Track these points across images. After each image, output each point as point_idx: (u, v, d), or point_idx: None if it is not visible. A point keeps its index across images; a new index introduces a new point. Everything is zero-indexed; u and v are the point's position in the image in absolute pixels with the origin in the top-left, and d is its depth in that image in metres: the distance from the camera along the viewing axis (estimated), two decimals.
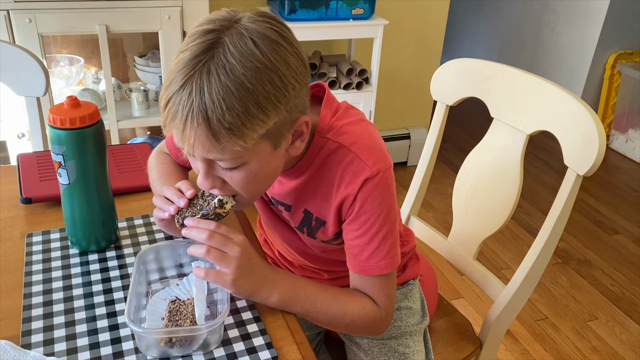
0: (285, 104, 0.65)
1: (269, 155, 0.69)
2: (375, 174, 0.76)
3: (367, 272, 0.80)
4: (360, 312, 0.81)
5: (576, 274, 2.17)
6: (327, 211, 0.83)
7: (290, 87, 0.65)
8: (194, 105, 0.61)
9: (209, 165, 0.69)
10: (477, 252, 1.17)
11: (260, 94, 0.62)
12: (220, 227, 0.73)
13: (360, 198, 0.77)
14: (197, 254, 0.71)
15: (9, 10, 1.61)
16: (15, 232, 0.90)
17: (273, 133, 0.67)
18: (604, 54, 3.18)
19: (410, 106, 2.78)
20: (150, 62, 2.09)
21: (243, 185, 0.71)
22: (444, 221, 2.44)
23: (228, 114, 0.61)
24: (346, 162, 0.77)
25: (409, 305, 1.05)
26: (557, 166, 2.98)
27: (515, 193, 1.07)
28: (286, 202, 0.86)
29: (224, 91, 0.60)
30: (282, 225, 0.94)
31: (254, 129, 0.63)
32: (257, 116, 0.63)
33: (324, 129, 0.78)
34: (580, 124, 0.93)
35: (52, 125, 0.76)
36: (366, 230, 0.78)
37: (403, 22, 2.55)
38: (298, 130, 0.72)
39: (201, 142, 0.63)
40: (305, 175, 0.81)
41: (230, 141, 0.63)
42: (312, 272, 1.02)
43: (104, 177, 0.84)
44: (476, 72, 1.14)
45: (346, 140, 0.77)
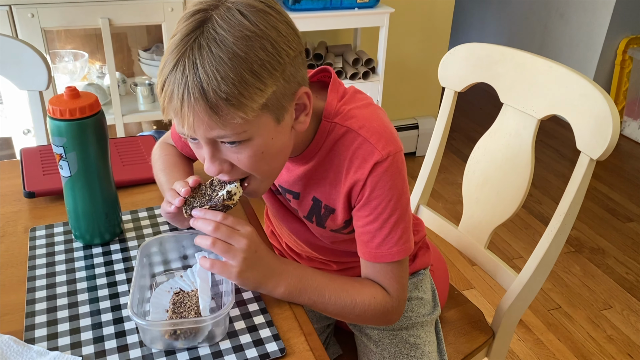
0: (281, 71, 0.64)
1: (273, 130, 0.68)
2: (385, 157, 0.74)
3: (378, 259, 0.78)
4: (371, 302, 0.79)
5: (589, 262, 2.13)
6: (336, 198, 0.81)
7: (284, 54, 0.64)
8: (188, 81, 0.60)
9: (214, 147, 0.67)
10: (489, 241, 1.14)
11: (254, 61, 0.61)
12: (227, 218, 0.71)
13: (370, 183, 0.75)
14: (203, 245, 0.70)
15: (10, 6, 1.60)
16: (19, 227, 0.90)
17: (273, 104, 0.65)
18: (614, 39, 3.13)
19: (418, 95, 2.75)
20: (154, 56, 2.08)
21: (251, 164, 0.69)
22: (454, 211, 2.41)
23: (224, 84, 0.60)
24: (355, 146, 0.75)
25: (420, 295, 1.03)
26: (568, 154, 2.94)
27: (527, 180, 1.05)
28: (294, 190, 0.84)
29: (217, 62, 0.60)
30: (290, 216, 0.93)
31: (252, 98, 0.62)
32: (253, 84, 0.62)
33: (331, 113, 0.77)
34: (593, 106, 0.91)
35: (52, 116, 0.75)
36: (377, 216, 0.77)
37: (409, 9, 2.52)
38: (300, 103, 0.71)
39: (201, 118, 0.62)
40: (313, 161, 0.79)
41: (230, 113, 0.62)
42: (321, 264, 1.00)
43: (106, 168, 0.82)
44: (485, 56, 1.11)
45: (354, 124, 0.76)
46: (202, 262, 0.69)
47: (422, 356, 0.98)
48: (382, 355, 0.97)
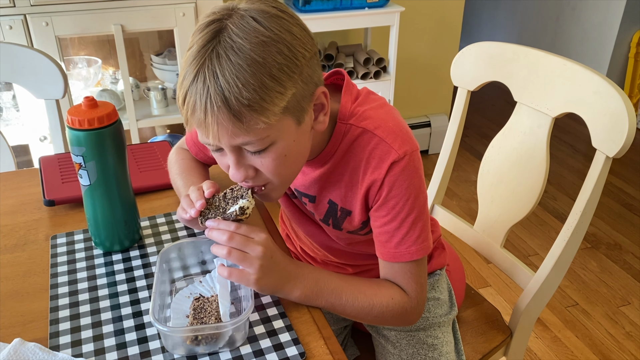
0: (299, 73, 0.65)
1: (295, 132, 0.69)
2: (401, 156, 0.75)
3: (397, 259, 0.79)
4: (390, 303, 0.79)
5: (606, 258, 2.12)
6: (352, 200, 0.81)
7: (300, 56, 0.65)
8: (210, 90, 0.61)
9: (238, 154, 0.68)
10: (504, 240, 1.14)
11: (272, 66, 0.62)
12: (240, 227, 0.72)
13: (388, 183, 0.75)
14: (219, 255, 0.71)
15: (25, 15, 1.62)
16: (40, 235, 0.91)
17: (294, 107, 0.66)
18: (628, 32, 3.09)
19: (429, 94, 2.75)
20: (167, 60, 2.09)
21: (274, 169, 0.70)
22: (468, 209, 2.41)
23: (245, 90, 0.61)
24: (371, 146, 0.76)
25: (437, 295, 1.03)
26: (583, 149, 2.91)
27: (542, 178, 1.05)
28: (310, 194, 0.85)
29: (236, 70, 0.61)
30: (305, 219, 0.93)
31: (273, 102, 0.63)
32: (273, 88, 0.63)
33: (345, 115, 0.77)
34: (608, 104, 0.90)
35: (71, 126, 0.76)
36: (395, 216, 0.77)
37: (419, 8, 2.51)
38: (318, 103, 0.71)
39: (225, 127, 0.63)
40: (329, 163, 0.80)
41: (253, 119, 0.63)
42: (336, 267, 1.01)
43: (124, 176, 0.83)
44: (497, 55, 1.11)
45: (370, 124, 0.76)
46: (220, 271, 0.70)
47: (440, 357, 0.98)
48: (399, 357, 0.97)
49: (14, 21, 1.61)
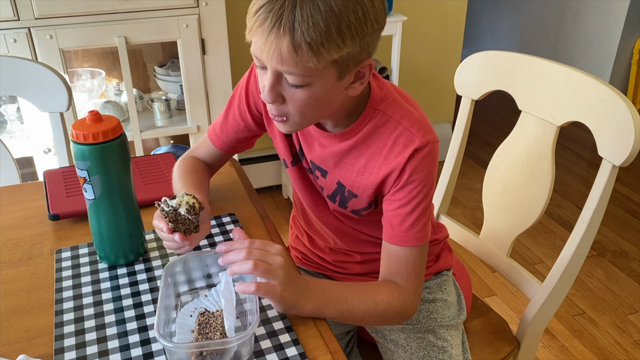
0: (361, 38, 0.69)
1: (332, 84, 0.72)
2: (425, 144, 0.79)
3: (404, 242, 0.82)
4: (390, 300, 0.81)
5: (612, 266, 2.10)
6: (362, 185, 0.85)
7: (369, 24, 0.69)
8: (284, 15, 0.65)
9: (277, 80, 0.72)
10: (511, 249, 1.13)
11: (344, 21, 0.66)
12: (254, 242, 0.74)
13: (409, 167, 0.80)
14: (243, 271, 0.70)
15: (29, 28, 1.63)
16: (45, 249, 0.91)
17: (342, 63, 0.70)
18: (630, 39, 3.09)
19: (432, 102, 2.75)
20: (170, 72, 2.10)
21: (300, 106, 0.73)
22: (473, 217, 2.40)
23: (312, 29, 0.65)
24: (396, 134, 0.81)
25: (444, 297, 1.04)
26: (587, 155, 2.91)
27: (548, 187, 1.04)
28: (323, 168, 0.88)
29: (313, 9, 0.65)
30: (317, 199, 0.96)
31: (329, 51, 0.67)
32: (335, 40, 0.67)
33: (376, 100, 0.82)
34: (614, 112, 0.90)
35: (76, 140, 0.76)
36: (410, 200, 0.81)
37: (422, 17, 2.52)
38: (361, 71, 0.75)
39: (280, 51, 0.67)
40: (350, 140, 0.83)
41: (306, 56, 0.67)
42: (345, 255, 1.02)
43: (129, 190, 0.83)
44: (501, 64, 1.11)
45: (396, 114, 0.81)
46: (241, 288, 0.69)
47: (450, 359, 0.97)
48: None
49: (18, 34, 1.62)
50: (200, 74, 1.86)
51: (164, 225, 0.76)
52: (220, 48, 1.85)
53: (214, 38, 1.83)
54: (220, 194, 1.07)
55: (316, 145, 0.87)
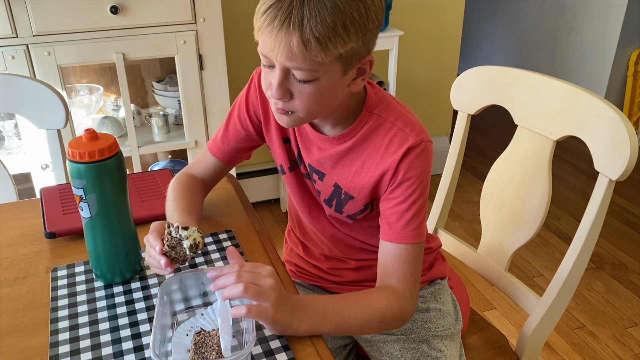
0: (363, 33, 0.74)
1: (337, 79, 0.77)
2: (418, 142, 0.83)
3: (401, 239, 0.84)
4: (387, 304, 0.81)
5: (612, 278, 2.10)
6: (358, 186, 0.88)
7: (370, 21, 0.74)
8: (293, 12, 0.69)
9: (285, 77, 0.75)
10: (509, 264, 1.13)
11: (348, 17, 0.71)
12: (244, 265, 0.74)
13: (404, 165, 0.83)
14: (234, 296, 0.70)
15: (28, 45, 1.63)
16: (41, 267, 0.90)
17: (346, 58, 0.74)
18: (626, 51, 3.11)
19: (429, 115, 2.76)
20: (168, 87, 2.11)
21: (307, 101, 0.77)
22: (471, 230, 2.39)
23: (320, 25, 0.69)
24: (391, 134, 0.84)
25: (439, 307, 1.04)
26: (584, 167, 2.91)
27: (545, 201, 1.04)
28: (321, 170, 0.91)
29: (320, 6, 0.69)
30: (313, 205, 0.98)
31: (335, 45, 0.71)
32: (341, 35, 0.71)
33: (372, 104, 0.86)
34: (609, 127, 0.90)
35: (72, 159, 0.76)
36: (407, 197, 0.84)
37: (418, 32, 2.53)
38: (362, 67, 0.79)
39: (290, 47, 0.71)
40: (348, 142, 0.87)
41: (315, 51, 0.70)
42: (339, 262, 1.03)
43: (125, 208, 0.83)
44: (497, 79, 1.11)
45: (391, 116, 0.85)
46: (236, 312, 0.69)
47: None
48: None
49: (16, 51, 1.62)
50: (198, 89, 1.86)
51: (158, 245, 0.75)
52: (218, 64, 1.86)
53: (211, 54, 1.84)
54: (217, 210, 1.07)
55: (314, 148, 0.90)
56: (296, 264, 1.11)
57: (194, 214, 0.90)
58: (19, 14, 1.59)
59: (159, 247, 0.75)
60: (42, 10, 1.60)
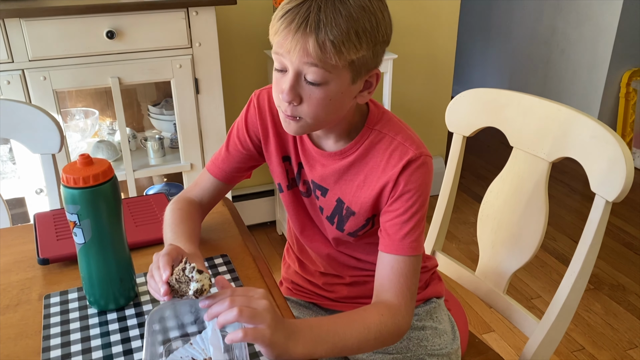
0: (373, 44, 0.77)
1: (346, 87, 0.80)
2: (418, 156, 0.85)
3: (399, 251, 0.85)
4: (382, 320, 0.81)
5: (610, 299, 2.09)
6: (361, 200, 0.89)
7: (380, 34, 0.78)
8: (310, 16, 0.73)
9: (296, 80, 0.78)
10: (507, 286, 1.12)
11: (360, 26, 0.75)
12: (236, 290, 0.72)
13: (404, 178, 0.85)
14: (229, 321, 0.68)
15: (23, 70, 1.64)
16: (33, 294, 0.89)
17: (356, 67, 0.78)
18: (617, 73, 3.15)
19: (424, 137, 2.76)
20: (164, 110, 2.11)
21: (316, 105, 0.79)
22: (468, 252, 2.38)
23: (335, 30, 0.73)
24: (391, 148, 0.87)
25: (434, 325, 1.03)
26: (580, 188, 2.92)
27: (542, 222, 1.04)
28: (324, 186, 0.93)
29: (335, 13, 0.73)
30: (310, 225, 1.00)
31: (348, 51, 0.75)
32: (353, 42, 0.75)
33: (373, 121, 0.89)
34: (605, 148, 0.90)
35: (66, 185, 0.75)
36: (407, 209, 0.85)
37: (412, 55, 2.56)
38: (369, 80, 0.83)
39: (305, 48, 0.74)
40: (350, 157, 0.89)
41: (329, 53, 0.74)
42: (334, 277, 1.04)
43: (120, 233, 0.82)
44: (491, 101, 1.12)
45: (391, 131, 0.88)
46: (232, 337, 0.67)
47: None
48: None
49: (12, 76, 1.63)
50: (194, 112, 1.87)
51: (167, 273, 0.72)
52: (214, 87, 1.87)
53: (207, 78, 1.85)
54: (212, 234, 1.06)
55: (318, 165, 0.92)
56: (292, 281, 1.12)
57: (194, 240, 0.89)
58: (15, 39, 1.60)
59: (166, 275, 0.72)
60: (38, 35, 1.61)
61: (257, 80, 2.33)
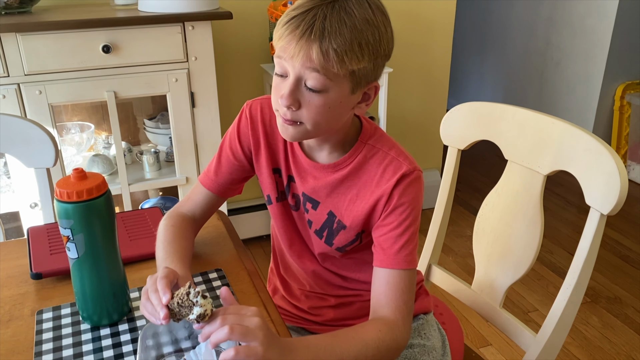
0: (374, 57, 0.79)
1: (345, 96, 0.80)
2: (412, 170, 0.87)
3: (395, 264, 0.85)
4: (379, 336, 0.80)
5: (607, 312, 2.08)
6: (352, 214, 0.90)
7: (382, 48, 0.79)
8: (315, 23, 0.75)
9: (296, 86, 0.79)
10: (503, 300, 1.12)
11: (363, 38, 0.76)
12: (227, 309, 0.71)
13: (397, 191, 0.86)
14: (221, 339, 0.67)
15: (19, 84, 1.64)
16: (26, 310, 0.88)
17: (357, 77, 0.79)
18: (611, 86, 3.17)
19: (420, 150, 2.77)
20: (160, 124, 2.11)
21: (315, 113, 0.80)
22: (464, 265, 2.38)
23: (340, 38, 0.75)
24: (385, 163, 0.88)
25: (422, 342, 1.02)
26: (575, 201, 2.92)
27: (538, 235, 1.04)
28: (316, 199, 0.93)
29: (340, 22, 0.75)
30: (297, 240, 0.99)
31: (350, 61, 0.76)
32: (356, 52, 0.76)
33: (366, 135, 0.90)
34: (600, 162, 0.90)
35: (59, 199, 0.75)
36: (400, 222, 0.86)
37: (407, 68, 2.57)
38: (368, 92, 0.84)
39: (308, 54, 0.75)
40: (343, 171, 0.90)
41: (331, 61, 0.75)
42: (319, 299, 1.03)
43: (114, 248, 0.82)
44: (485, 114, 1.12)
45: (385, 146, 0.90)
46: (224, 356, 0.66)
47: None
48: None
49: (7, 90, 1.63)
50: (190, 126, 1.87)
51: (167, 296, 0.70)
52: (210, 101, 1.87)
53: (203, 91, 1.85)
54: (207, 248, 1.05)
55: (310, 178, 0.92)
56: (279, 306, 1.10)
57: (186, 260, 0.88)
58: (11, 53, 1.60)
59: (166, 298, 0.70)
60: (34, 50, 1.62)
61: (253, 94, 2.33)
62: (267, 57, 2.31)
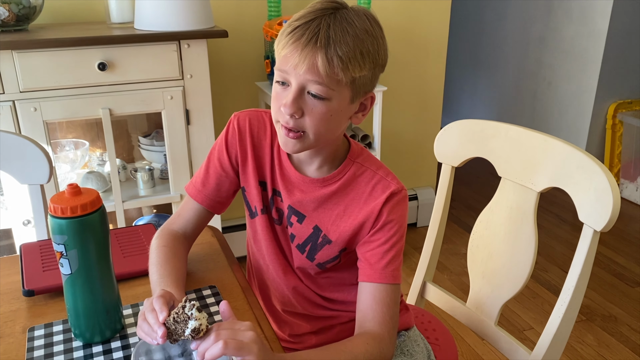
0: (373, 66, 0.82)
1: (345, 105, 0.83)
2: (400, 189, 0.90)
3: (382, 279, 0.87)
4: (367, 349, 0.82)
5: (602, 331, 2.08)
6: (338, 230, 0.91)
7: (379, 58, 0.83)
8: (320, 32, 0.77)
9: (299, 94, 0.80)
10: (498, 317, 1.12)
11: (364, 47, 0.79)
12: (221, 324, 0.71)
13: (386, 209, 0.89)
14: (215, 355, 0.67)
15: (14, 101, 1.64)
16: (17, 327, 0.87)
17: (357, 86, 0.82)
18: (603, 105, 3.21)
19: (414, 167, 2.78)
20: (154, 142, 2.11)
21: (317, 119, 0.81)
22: (459, 283, 2.37)
23: (344, 46, 0.78)
24: (373, 182, 0.91)
25: (405, 359, 1.01)
26: (569, 218, 2.93)
27: (532, 252, 1.04)
28: (302, 212, 0.93)
29: (344, 31, 0.78)
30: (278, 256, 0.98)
31: (353, 69, 0.79)
32: (358, 61, 0.79)
33: (354, 154, 0.93)
34: (592, 178, 0.91)
35: (53, 214, 0.75)
36: (388, 239, 0.89)
37: (401, 86, 2.59)
38: (364, 103, 0.87)
39: (313, 62, 0.77)
40: (331, 187, 0.91)
41: (335, 69, 0.78)
42: (298, 325, 1.02)
43: (107, 264, 0.81)
44: (479, 132, 1.13)
45: (373, 165, 0.93)
46: None
47: None
48: None
49: (2, 107, 1.63)
50: (185, 143, 1.87)
51: (165, 313, 0.70)
52: (205, 119, 1.88)
53: (198, 109, 1.86)
54: (200, 265, 1.05)
55: (297, 191, 0.93)
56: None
57: (181, 284, 0.88)
58: (7, 70, 1.61)
59: (164, 316, 0.69)
60: (29, 67, 1.62)
61: None
62: (263, 75, 2.33)
